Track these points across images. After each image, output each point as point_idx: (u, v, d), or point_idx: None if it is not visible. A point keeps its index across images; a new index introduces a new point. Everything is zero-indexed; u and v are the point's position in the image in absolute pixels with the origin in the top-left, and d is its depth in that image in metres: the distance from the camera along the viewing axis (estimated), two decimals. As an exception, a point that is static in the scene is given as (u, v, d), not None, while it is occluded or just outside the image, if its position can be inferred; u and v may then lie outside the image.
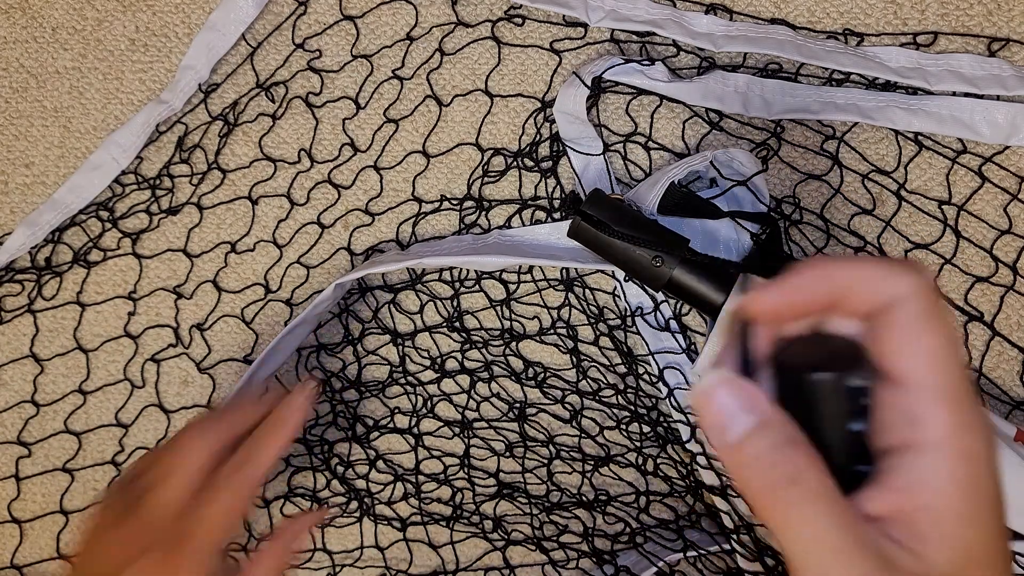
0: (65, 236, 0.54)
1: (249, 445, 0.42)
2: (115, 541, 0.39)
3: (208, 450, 0.41)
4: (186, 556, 0.38)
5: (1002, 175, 0.49)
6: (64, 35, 0.54)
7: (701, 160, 0.48)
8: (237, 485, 0.41)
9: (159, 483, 0.40)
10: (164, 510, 0.40)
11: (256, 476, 0.41)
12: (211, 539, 0.39)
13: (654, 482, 0.54)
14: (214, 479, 0.41)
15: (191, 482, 0.40)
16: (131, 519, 0.40)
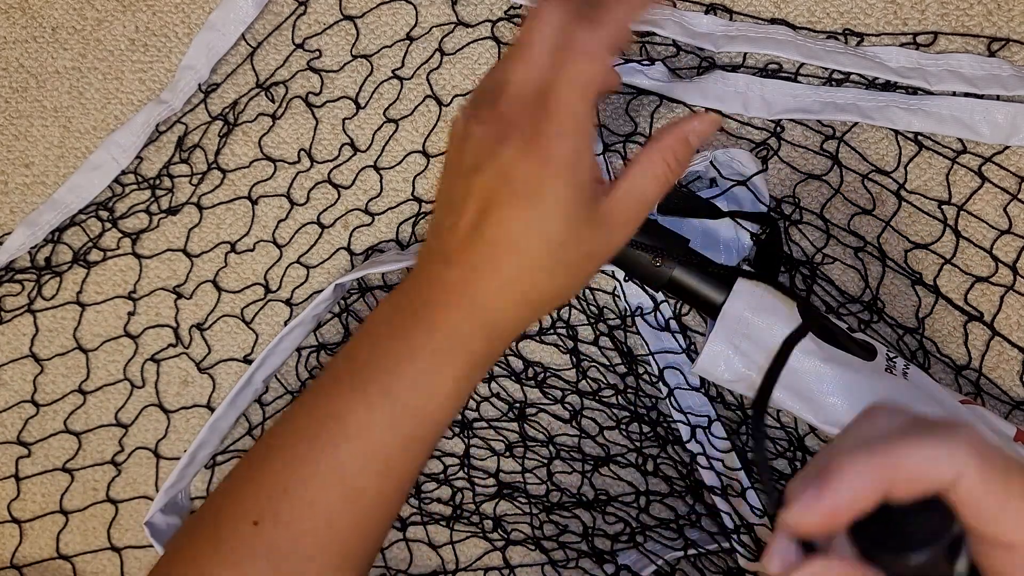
0: (65, 236, 0.54)
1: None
2: (476, 136, 0.35)
3: (561, 15, 0.35)
4: (547, 135, 0.34)
5: (1002, 175, 0.49)
6: (64, 35, 0.54)
7: (701, 160, 0.48)
8: (590, 36, 0.34)
9: (512, 65, 0.35)
10: (519, 89, 0.35)
11: (613, 23, 0.35)
12: (572, 106, 0.34)
13: (654, 482, 0.54)
14: (567, 40, 0.35)
15: (545, 53, 0.35)
16: (487, 110, 0.35)
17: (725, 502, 0.50)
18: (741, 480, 0.50)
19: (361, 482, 0.36)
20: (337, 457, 0.36)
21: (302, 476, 0.36)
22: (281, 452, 0.37)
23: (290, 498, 0.35)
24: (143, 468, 0.56)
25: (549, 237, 0.34)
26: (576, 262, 0.36)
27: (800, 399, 0.44)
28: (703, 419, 0.51)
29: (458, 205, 0.36)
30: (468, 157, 0.35)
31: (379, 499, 0.36)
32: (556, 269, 0.35)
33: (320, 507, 0.36)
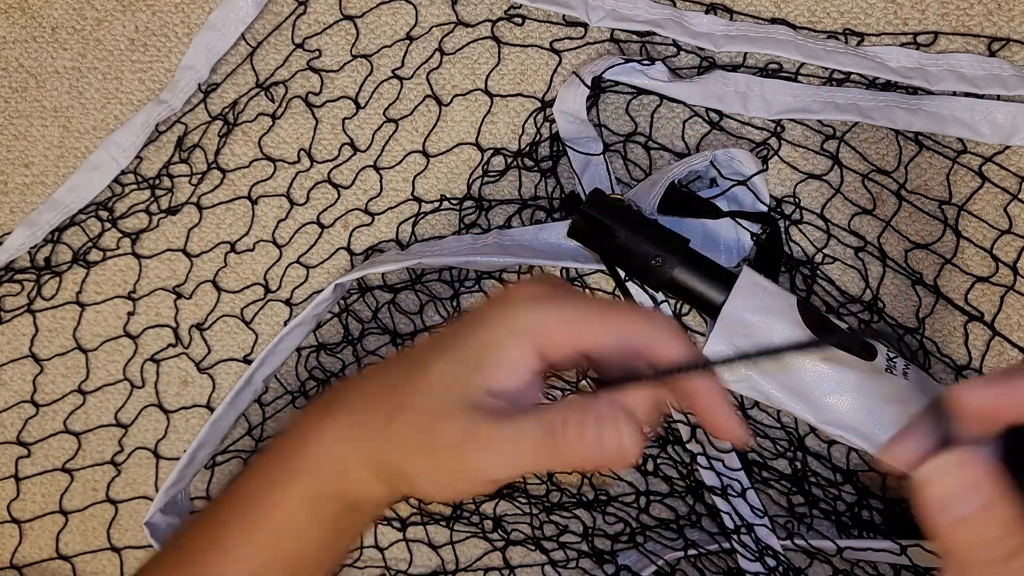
0: (65, 236, 0.54)
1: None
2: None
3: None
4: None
5: (1002, 175, 0.49)
6: (64, 35, 0.54)
7: (701, 160, 0.48)
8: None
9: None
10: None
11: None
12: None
13: (654, 482, 0.54)
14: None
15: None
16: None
17: (725, 502, 0.50)
18: (741, 480, 0.50)
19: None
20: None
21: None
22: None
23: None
24: (143, 468, 0.56)
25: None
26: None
27: (800, 399, 0.44)
28: (703, 419, 0.50)
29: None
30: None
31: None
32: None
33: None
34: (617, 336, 0.30)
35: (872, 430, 0.44)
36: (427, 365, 0.32)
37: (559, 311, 0.31)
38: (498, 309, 0.32)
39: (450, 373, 0.31)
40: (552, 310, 0.31)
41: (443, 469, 0.31)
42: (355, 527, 0.37)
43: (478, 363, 0.31)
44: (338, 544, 0.37)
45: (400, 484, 0.34)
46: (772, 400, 0.45)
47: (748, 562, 0.50)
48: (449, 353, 0.31)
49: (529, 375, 0.31)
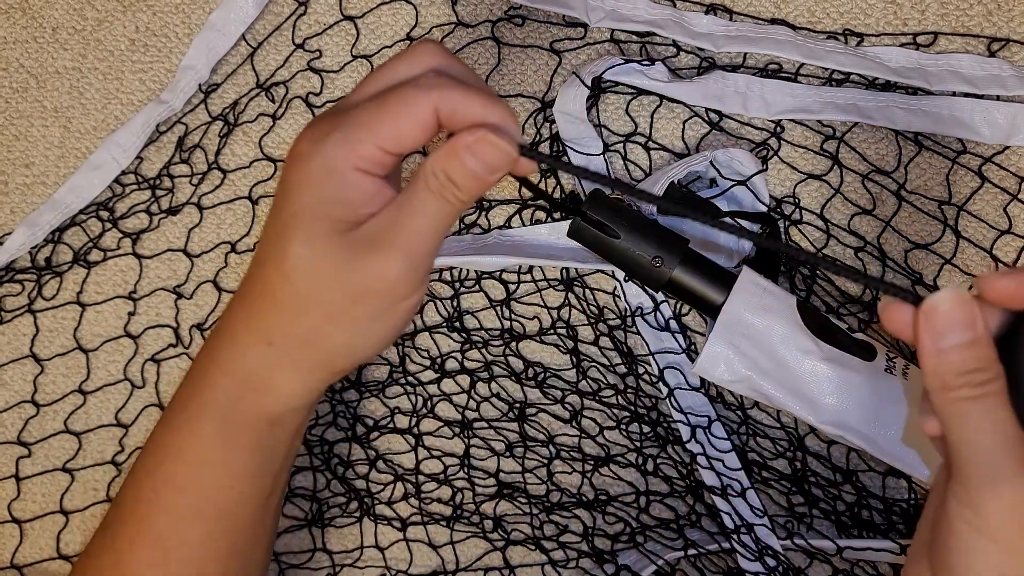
0: (65, 236, 0.54)
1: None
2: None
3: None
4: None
5: (1002, 175, 0.49)
6: (64, 35, 0.54)
7: (701, 160, 0.48)
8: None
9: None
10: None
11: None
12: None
13: (654, 482, 0.54)
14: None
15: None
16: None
17: (725, 502, 0.50)
18: (741, 480, 0.50)
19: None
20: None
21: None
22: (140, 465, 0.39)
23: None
24: (143, 468, 0.56)
25: (292, 264, 0.33)
26: (337, 299, 0.33)
27: (799, 399, 0.44)
28: (703, 419, 0.51)
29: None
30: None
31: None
32: (304, 306, 0.33)
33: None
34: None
35: (872, 430, 0.44)
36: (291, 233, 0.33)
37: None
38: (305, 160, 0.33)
39: (313, 230, 0.32)
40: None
41: (368, 308, 0.33)
42: (282, 443, 0.37)
43: (332, 206, 0.32)
44: (269, 466, 0.37)
45: (320, 363, 0.35)
46: (771, 400, 0.45)
47: (748, 562, 0.50)
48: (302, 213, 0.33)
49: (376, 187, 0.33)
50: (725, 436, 0.51)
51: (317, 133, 0.33)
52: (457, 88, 0.32)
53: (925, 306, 0.30)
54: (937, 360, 0.30)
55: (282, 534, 0.56)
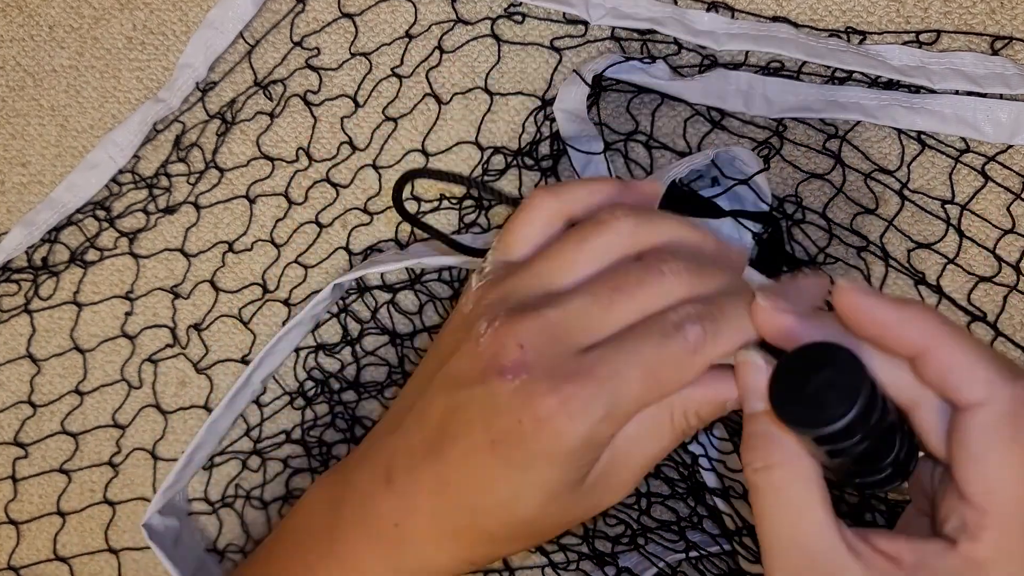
0: (62, 236, 0.54)
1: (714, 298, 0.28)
2: (482, 334, 0.28)
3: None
4: (575, 399, 0.26)
5: (1005, 174, 0.49)
6: (61, 33, 0.54)
7: (702, 159, 0.48)
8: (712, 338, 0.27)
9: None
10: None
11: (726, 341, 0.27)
12: (630, 384, 0.27)
13: (655, 484, 0.53)
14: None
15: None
16: (518, 312, 0.28)
17: (727, 504, 0.50)
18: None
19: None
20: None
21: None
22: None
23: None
24: (140, 469, 0.56)
25: (517, 517, 0.28)
26: (543, 532, 0.30)
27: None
28: (704, 420, 0.50)
29: (428, 414, 0.29)
30: (463, 360, 0.28)
31: None
32: (511, 541, 0.30)
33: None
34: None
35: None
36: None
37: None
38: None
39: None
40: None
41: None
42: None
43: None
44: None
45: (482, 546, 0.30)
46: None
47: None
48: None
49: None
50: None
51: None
52: (723, 333, 0.28)
53: (737, 360, 0.27)
54: (748, 420, 0.27)
55: (280, 536, 0.56)
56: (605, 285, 0.28)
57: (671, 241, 0.29)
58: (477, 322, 0.28)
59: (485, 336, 0.27)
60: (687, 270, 0.28)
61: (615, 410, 0.27)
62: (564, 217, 0.31)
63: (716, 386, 0.28)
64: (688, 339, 0.27)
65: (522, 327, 0.27)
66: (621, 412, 0.27)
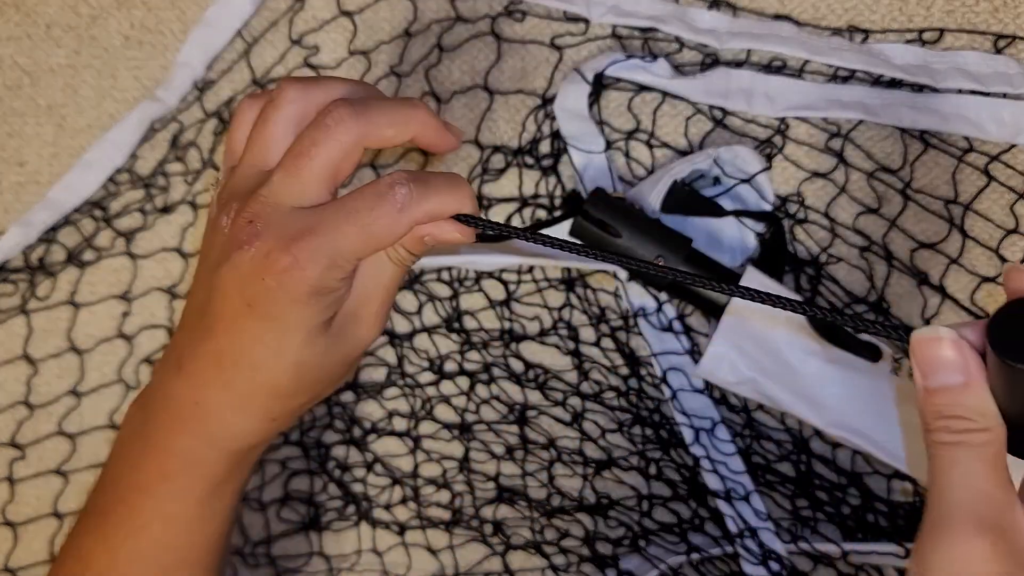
0: (59, 236, 0.54)
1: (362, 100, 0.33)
2: (221, 228, 0.33)
3: (303, 110, 0.33)
4: (299, 251, 0.31)
5: (1009, 173, 0.49)
6: (58, 32, 0.54)
7: (704, 158, 0.47)
8: (348, 126, 0.32)
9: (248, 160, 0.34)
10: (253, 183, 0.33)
11: (373, 122, 0.32)
12: (337, 229, 0.32)
13: (657, 486, 0.53)
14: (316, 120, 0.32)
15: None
16: (238, 201, 0.33)
17: (729, 506, 0.50)
18: (745, 483, 0.50)
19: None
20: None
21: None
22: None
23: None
24: (138, 471, 0.56)
25: (290, 359, 0.33)
26: (323, 374, 0.34)
27: (804, 401, 0.44)
28: (707, 422, 0.50)
29: (198, 302, 0.34)
30: (215, 248, 0.33)
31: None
32: (299, 387, 0.34)
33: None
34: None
35: (877, 433, 0.44)
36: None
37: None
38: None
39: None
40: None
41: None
42: (231, 493, 0.37)
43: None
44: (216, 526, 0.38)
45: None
46: (776, 402, 0.44)
47: (752, 566, 0.50)
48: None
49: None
50: (729, 439, 0.50)
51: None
52: (429, 197, 0.32)
53: (915, 338, 0.29)
54: (923, 398, 0.29)
55: (279, 538, 0.56)
56: (291, 155, 0.32)
57: (338, 91, 0.33)
58: (219, 218, 0.33)
59: (228, 226, 0.33)
60: (350, 114, 0.32)
61: (338, 258, 0.31)
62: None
63: (417, 233, 0.33)
64: (396, 199, 0.32)
65: (248, 208, 0.32)
66: (344, 260, 0.32)
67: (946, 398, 0.29)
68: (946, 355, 0.29)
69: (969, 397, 0.28)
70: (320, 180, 0.32)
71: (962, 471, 0.28)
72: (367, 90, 0.35)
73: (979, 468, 0.28)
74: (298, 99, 0.33)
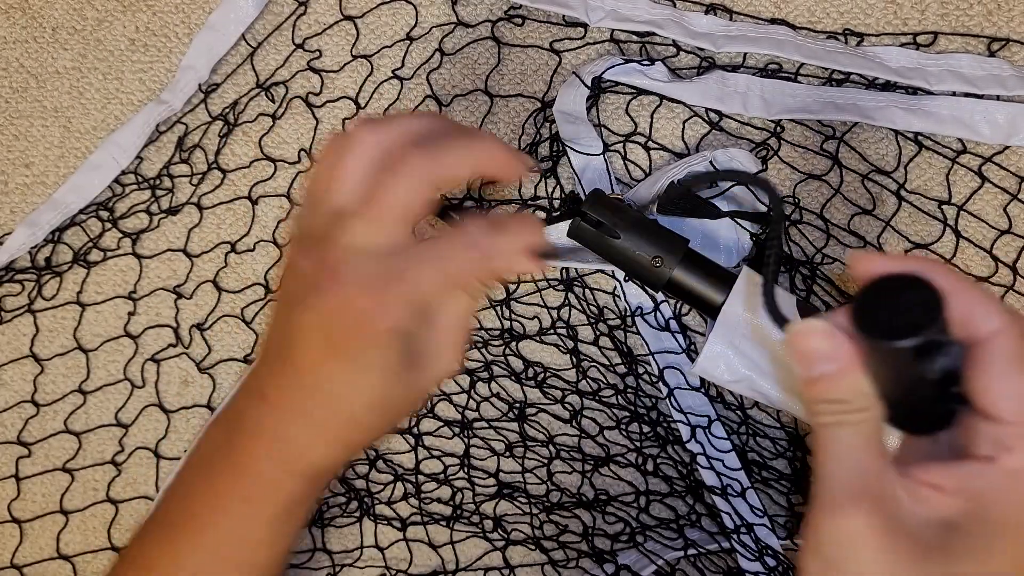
0: (65, 236, 0.54)
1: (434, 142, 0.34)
2: (301, 268, 0.34)
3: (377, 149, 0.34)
4: (383, 294, 0.32)
5: (1002, 175, 0.49)
6: (64, 35, 0.54)
7: (701, 160, 0.48)
8: (420, 168, 0.33)
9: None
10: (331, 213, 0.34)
11: (444, 166, 0.33)
12: (425, 278, 0.33)
13: (654, 482, 0.54)
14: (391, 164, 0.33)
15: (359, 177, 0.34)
16: (315, 244, 0.34)
17: (725, 502, 0.50)
18: (741, 480, 0.50)
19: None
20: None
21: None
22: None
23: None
24: (143, 468, 0.56)
25: (368, 396, 0.34)
26: (398, 407, 0.35)
27: (799, 399, 0.44)
28: (703, 419, 0.51)
29: (281, 338, 0.35)
30: (296, 288, 0.34)
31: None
32: (375, 420, 0.35)
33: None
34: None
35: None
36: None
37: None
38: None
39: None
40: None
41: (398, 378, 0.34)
42: (302, 516, 0.38)
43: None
44: (287, 541, 0.38)
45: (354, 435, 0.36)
46: (771, 400, 0.45)
47: (748, 562, 0.50)
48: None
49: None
50: (725, 436, 0.51)
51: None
52: (503, 237, 0.34)
53: (790, 333, 0.31)
54: (805, 386, 0.30)
55: (282, 534, 0.56)
56: (366, 200, 0.33)
57: (410, 131, 0.34)
58: (298, 260, 0.34)
59: (307, 268, 0.34)
60: (421, 159, 0.33)
61: (416, 302, 0.33)
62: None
63: (487, 260, 0.34)
64: (474, 242, 0.33)
65: (330, 254, 0.33)
66: (421, 303, 0.33)
67: (824, 385, 0.30)
68: (819, 346, 0.30)
69: (844, 381, 0.30)
70: (396, 224, 0.33)
71: (842, 448, 0.30)
72: (439, 125, 0.35)
73: (857, 444, 0.30)
74: (370, 140, 0.33)
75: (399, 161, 0.33)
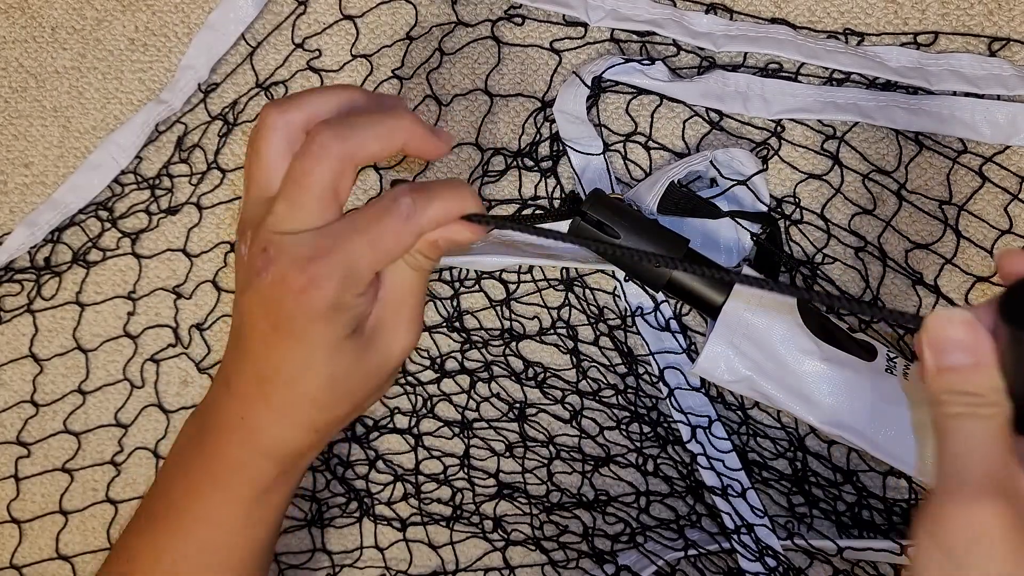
0: (64, 236, 0.54)
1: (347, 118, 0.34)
2: (240, 255, 0.36)
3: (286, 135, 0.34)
4: (312, 274, 0.33)
5: (1003, 175, 0.49)
6: (63, 35, 0.54)
7: (701, 159, 0.48)
8: (330, 148, 0.33)
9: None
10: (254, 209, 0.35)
11: (356, 142, 0.33)
12: (349, 250, 0.33)
13: (654, 482, 0.54)
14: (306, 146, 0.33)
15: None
16: (252, 229, 0.34)
17: (725, 502, 0.50)
18: (742, 480, 0.50)
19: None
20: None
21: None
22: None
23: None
24: (143, 468, 0.56)
25: (322, 375, 0.34)
26: (359, 385, 0.36)
27: (799, 399, 0.44)
28: (703, 419, 0.51)
29: (236, 325, 0.36)
30: (241, 276, 0.35)
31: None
32: (336, 399, 0.35)
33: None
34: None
35: (872, 430, 0.44)
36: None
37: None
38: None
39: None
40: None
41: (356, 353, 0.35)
42: (279, 502, 0.39)
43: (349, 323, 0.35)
44: (266, 528, 0.40)
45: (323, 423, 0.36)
46: (772, 400, 0.45)
47: (748, 562, 0.50)
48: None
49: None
50: (725, 436, 0.51)
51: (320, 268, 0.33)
52: (432, 204, 0.34)
53: (930, 319, 0.30)
54: (934, 376, 0.30)
55: (282, 534, 0.56)
56: (287, 183, 0.33)
57: (320, 109, 0.34)
58: (239, 248, 0.35)
59: (245, 254, 0.34)
60: (333, 138, 0.33)
61: (351, 274, 0.33)
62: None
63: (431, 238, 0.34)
64: (400, 210, 0.33)
65: (260, 237, 0.33)
66: (357, 274, 0.33)
67: (957, 376, 0.29)
68: (958, 336, 0.29)
69: (979, 375, 0.29)
70: (321, 202, 0.33)
71: (974, 441, 0.29)
72: (357, 98, 0.35)
73: (987, 438, 0.29)
74: (279, 123, 0.34)
75: (310, 141, 0.33)
